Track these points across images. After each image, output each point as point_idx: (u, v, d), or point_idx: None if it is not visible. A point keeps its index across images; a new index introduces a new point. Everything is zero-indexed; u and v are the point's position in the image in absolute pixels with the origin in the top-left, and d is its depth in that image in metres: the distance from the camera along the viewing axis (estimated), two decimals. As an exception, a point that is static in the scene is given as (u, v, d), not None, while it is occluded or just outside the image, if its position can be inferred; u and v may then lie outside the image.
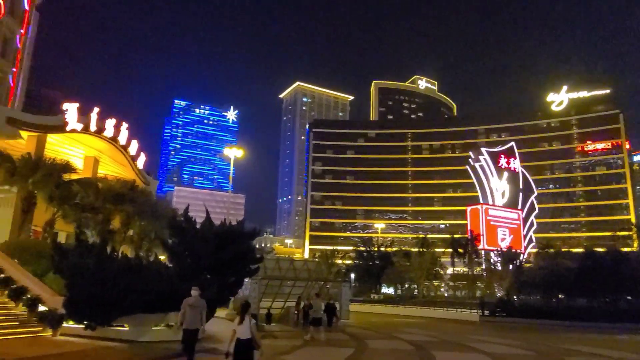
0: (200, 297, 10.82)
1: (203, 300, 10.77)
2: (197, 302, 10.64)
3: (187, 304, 10.57)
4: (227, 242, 16.48)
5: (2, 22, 33.86)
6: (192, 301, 10.64)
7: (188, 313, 10.49)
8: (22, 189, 21.74)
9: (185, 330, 10.50)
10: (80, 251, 14.95)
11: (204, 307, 10.70)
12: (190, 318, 10.49)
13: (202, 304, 10.71)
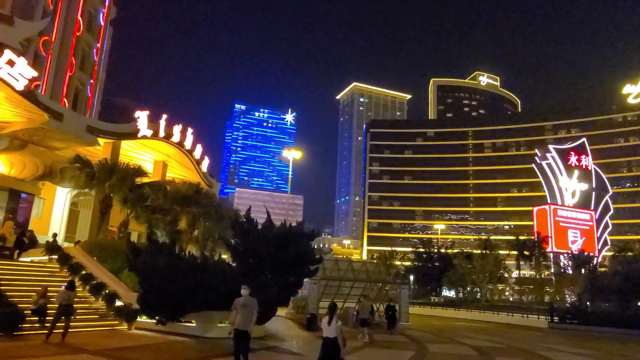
0: (250, 297, 10.47)
1: (254, 300, 10.46)
2: (248, 302, 10.29)
3: (238, 304, 10.22)
4: (288, 243, 16.86)
5: (81, 38, 36.64)
6: (243, 301, 10.28)
7: (240, 313, 10.12)
8: (99, 192, 23.46)
9: (237, 330, 10.14)
10: (152, 250, 15.90)
11: (254, 306, 10.36)
12: (242, 318, 10.11)
13: (253, 303, 10.36)
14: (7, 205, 26.83)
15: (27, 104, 19.93)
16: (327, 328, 9.24)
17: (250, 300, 10.33)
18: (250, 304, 10.28)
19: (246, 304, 10.20)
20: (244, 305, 10.17)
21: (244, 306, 10.16)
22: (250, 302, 10.30)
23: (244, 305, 10.18)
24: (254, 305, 10.37)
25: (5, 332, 12.82)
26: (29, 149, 24.71)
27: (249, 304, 10.24)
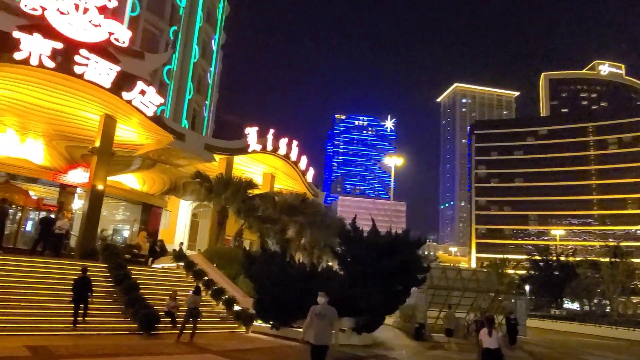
0: (329, 305, 8.95)
1: (332, 309, 8.90)
2: (325, 311, 8.75)
3: (313, 313, 8.74)
4: (394, 251, 16.85)
5: (197, 64, 40.37)
6: (319, 309, 8.77)
7: (315, 324, 8.61)
8: (217, 204, 25.56)
9: (313, 346, 8.64)
10: (265, 258, 16.91)
11: (333, 316, 8.86)
12: (318, 330, 8.58)
13: (331, 313, 8.83)
14: (140, 217, 30.37)
15: (156, 127, 22.49)
16: (489, 339, 9.40)
17: (327, 310, 8.81)
18: (328, 314, 8.76)
19: (323, 313, 8.71)
20: (320, 315, 8.67)
21: (321, 316, 8.66)
22: (327, 312, 8.78)
23: (320, 314, 8.68)
24: (332, 315, 8.84)
25: (144, 331, 14.50)
26: (157, 167, 27.80)
27: (326, 313, 8.74)
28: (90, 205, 21.21)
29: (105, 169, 21.88)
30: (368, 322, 16.46)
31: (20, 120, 22.53)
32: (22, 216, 23.24)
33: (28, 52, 17.88)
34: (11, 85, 19.63)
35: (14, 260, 16.94)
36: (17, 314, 13.42)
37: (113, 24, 22.35)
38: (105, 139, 21.61)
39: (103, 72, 19.64)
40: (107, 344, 12.56)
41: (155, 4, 36.81)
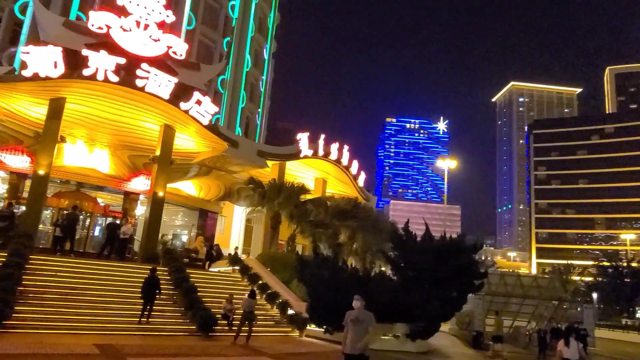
0: (365, 310, 8.08)
1: (369, 314, 8.02)
2: (362, 316, 7.91)
3: (348, 319, 7.94)
4: (449, 256, 16.46)
5: (249, 73, 41.48)
6: (355, 315, 7.94)
7: (351, 331, 7.82)
8: (270, 209, 26.07)
9: (347, 356, 7.82)
10: (318, 263, 17.02)
11: (370, 322, 7.92)
12: (354, 338, 7.76)
13: (368, 318, 7.93)
14: (197, 222, 31.50)
15: (211, 135, 23.30)
16: (567, 350, 9.40)
17: (364, 315, 7.94)
18: (365, 320, 7.87)
19: (359, 318, 7.87)
20: (355, 321, 7.82)
21: (357, 322, 7.82)
22: (364, 317, 7.90)
23: (357, 320, 7.83)
24: (370, 321, 7.92)
25: (202, 332, 15.00)
26: (213, 173, 28.76)
27: (362, 319, 7.88)
28: (151, 211, 22.26)
29: (165, 176, 22.90)
30: (423, 329, 16.14)
31: (89, 132, 24.07)
32: (91, 222, 24.76)
33: (95, 68, 19.12)
34: (80, 100, 21.04)
35: (84, 263, 18.09)
36: (87, 314, 14.31)
37: (171, 38, 23.46)
38: (164, 147, 22.65)
39: (162, 84, 20.62)
40: (169, 344, 13.10)
41: (210, 17, 38.24)
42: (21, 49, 21.58)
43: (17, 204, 21.91)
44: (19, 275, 14.37)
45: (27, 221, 19.26)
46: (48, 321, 13.26)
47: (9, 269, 14.18)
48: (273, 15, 48.12)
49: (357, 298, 8.17)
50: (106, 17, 21.75)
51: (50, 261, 17.41)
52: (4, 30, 29.52)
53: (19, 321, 12.65)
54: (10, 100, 20.70)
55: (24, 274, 14.81)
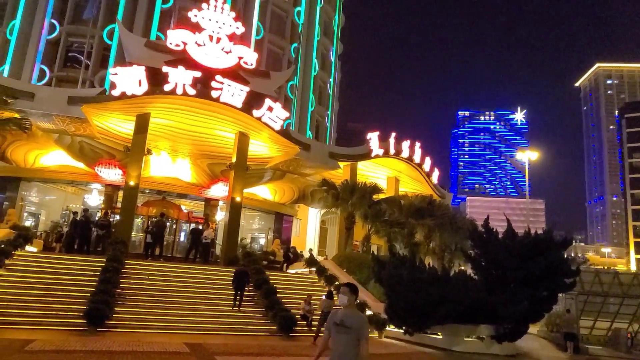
0: (355, 311, 5.15)
1: (361, 316, 5.17)
2: (349, 319, 4.98)
3: (332, 322, 5.13)
4: (535, 253, 15.48)
5: (317, 76, 42.03)
6: (340, 316, 5.06)
7: (333, 340, 5.06)
8: (343, 210, 26.17)
9: None
10: (395, 263, 16.76)
11: (361, 330, 4.94)
12: (337, 351, 4.96)
13: (358, 323, 4.97)
14: (274, 225, 32.40)
15: (284, 140, 23.90)
16: None
17: (353, 318, 4.99)
18: (354, 325, 4.92)
19: (346, 323, 4.95)
20: (341, 326, 4.96)
21: (342, 327, 4.95)
22: (353, 321, 4.95)
23: (342, 325, 4.96)
24: (361, 328, 4.93)
25: (283, 332, 15.36)
26: (287, 177, 29.46)
27: (350, 323, 4.93)
28: (230, 216, 23.25)
29: (242, 182, 23.82)
30: (510, 331, 15.30)
31: (171, 144, 25.67)
32: (176, 228, 26.36)
33: (174, 84, 20.39)
34: (163, 114, 22.51)
35: (173, 267, 19.30)
36: (177, 314, 15.22)
37: (242, 48, 24.40)
38: (240, 154, 23.58)
39: (235, 93, 21.52)
40: (251, 343, 13.56)
41: (277, 25, 39.31)
42: (110, 71, 23.54)
43: (112, 213, 23.87)
44: (117, 279, 15.61)
45: (122, 229, 20.92)
46: (142, 321, 14.29)
47: (108, 273, 15.46)
48: (338, 17, 48.40)
49: (344, 291, 5.15)
50: (182, 34, 23.11)
51: (142, 265, 18.77)
52: (95, 55, 32.38)
53: (118, 321, 13.74)
54: (103, 119, 22.63)
55: (120, 278, 16.06)
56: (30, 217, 28.30)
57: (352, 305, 5.20)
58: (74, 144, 24.83)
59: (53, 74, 32.24)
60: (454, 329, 15.57)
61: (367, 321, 5.18)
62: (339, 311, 5.23)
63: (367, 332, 5.04)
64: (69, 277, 15.89)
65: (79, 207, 26.50)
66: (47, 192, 29.17)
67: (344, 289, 5.26)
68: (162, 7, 33.77)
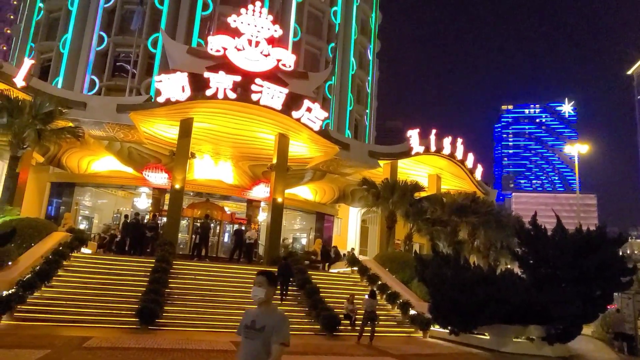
0: (275, 310, 3.93)
1: (280, 316, 3.86)
2: (263, 320, 3.83)
3: (243, 325, 3.94)
4: (587, 251, 14.83)
5: (355, 75, 41.93)
6: (251, 317, 3.93)
7: (242, 346, 3.91)
8: (384, 209, 25.98)
9: None
10: (438, 262, 16.49)
11: (279, 332, 3.72)
12: (244, 359, 3.83)
13: (276, 322, 3.79)
14: (315, 225, 32.59)
15: (323, 140, 24.02)
16: None
17: (269, 318, 3.84)
18: (267, 327, 3.77)
19: (256, 324, 3.83)
20: (251, 329, 3.85)
21: (252, 331, 3.83)
22: (267, 322, 3.80)
23: (252, 328, 3.85)
24: (277, 325, 3.76)
25: (326, 332, 15.44)
26: (327, 177, 29.58)
27: (263, 325, 3.79)
28: (272, 216, 23.60)
29: (283, 183, 24.12)
30: (562, 332, 14.73)
31: (214, 147, 26.34)
32: (220, 229, 27.02)
33: (215, 88, 20.93)
34: (205, 118, 23.14)
35: (218, 267, 19.81)
36: (223, 313, 15.61)
37: (280, 51, 24.73)
38: (280, 155, 23.89)
39: (275, 96, 21.84)
40: (296, 342, 13.69)
41: (314, 26, 39.51)
42: (155, 78, 24.47)
43: (160, 215, 24.76)
44: (166, 279, 16.19)
45: (169, 230, 21.67)
46: (191, 320, 14.77)
47: (158, 273, 16.07)
48: (374, 15, 48.08)
49: (261, 281, 3.90)
50: (222, 40, 23.68)
51: (189, 266, 19.39)
52: (141, 63, 33.68)
53: (168, 319, 14.26)
54: (149, 125, 23.52)
55: (169, 278, 16.65)
56: (84, 221, 29.81)
57: (270, 301, 3.88)
58: (123, 149, 25.96)
59: (102, 84, 33.78)
60: (502, 330, 15.15)
61: (285, 320, 3.79)
62: (251, 311, 3.98)
63: (284, 333, 3.71)
64: (122, 278, 16.63)
65: (129, 210, 27.67)
66: (100, 196, 30.64)
67: (259, 278, 3.90)
68: (203, 14, 34.70)
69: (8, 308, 12.84)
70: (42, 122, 18.63)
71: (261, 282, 3.91)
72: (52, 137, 19.66)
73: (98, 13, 35.01)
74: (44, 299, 14.24)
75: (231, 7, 32.70)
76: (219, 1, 35.10)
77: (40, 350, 9.60)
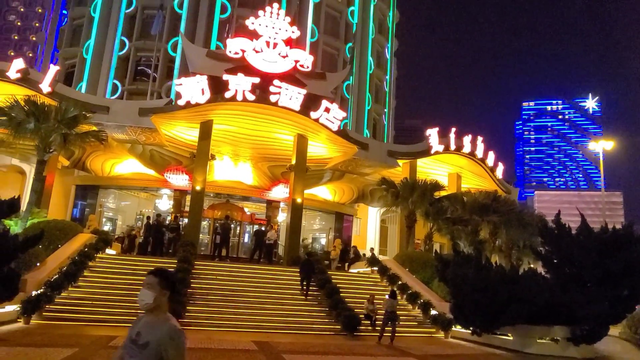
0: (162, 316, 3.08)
1: (170, 326, 3.00)
2: (147, 331, 3.04)
3: (127, 338, 3.13)
4: (614, 250, 14.51)
5: (373, 75, 41.78)
6: (137, 329, 3.10)
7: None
8: (404, 208, 25.83)
9: None
10: (459, 261, 16.33)
11: (166, 344, 2.92)
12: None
13: (163, 334, 2.96)
14: (334, 225, 32.60)
15: (341, 140, 24.02)
16: None
17: (154, 330, 3.00)
18: (153, 341, 2.96)
19: (139, 339, 3.02)
20: (134, 345, 3.04)
21: (134, 347, 3.03)
22: (154, 335, 2.98)
23: (134, 343, 3.04)
24: (164, 343, 2.93)
25: (347, 332, 15.45)
26: (346, 177, 29.57)
27: (148, 339, 2.98)
28: (292, 217, 23.70)
29: (302, 183, 24.20)
30: (588, 332, 14.44)
31: (233, 148, 26.60)
32: (241, 230, 27.27)
33: (234, 90, 21.15)
34: (224, 120, 23.39)
35: (239, 268, 20.02)
36: (244, 313, 15.77)
37: (297, 52, 24.85)
38: (299, 156, 23.98)
39: (293, 97, 21.94)
40: (317, 342, 13.77)
41: (331, 26, 39.53)
42: (175, 82, 24.86)
43: (181, 216, 25.13)
44: (188, 279, 16.43)
45: (190, 231, 21.97)
46: (213, 320, 14.96)
47: (180, 273, 16.31)
48: (392, 14, 47.82)
49: (150, 282, 3.11)
50: (241, 42, 23.93)
51: (210, 266, 19.63)
52: (161, 67, 34.23)
53: (191, 319, 14.47)
54: (170, 127, 23.89)
55: (191, 278, 16.89)
56: (108, 222, 30.44)
57: (161, 308, 3.10)
58: (145, 152, 26.43)
59: (124, 88, 34.44)
60: (525, 330, 14.93)
61: (176, 337, 2.95)
62: (141, 318, 3.18)
63: (177, 354, 2.92)
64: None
65: (151, 211, 28.15)
66: (123, 198, 31.26)
67: (150, 278, 3.12)
68: (221, 17, 35.05)
69: (37, 307, 13.22)
70: (68, 127, 19.10)
71: (151, 283, 3.09)
72: (77, 141, 20.14)
73: (119, 19, 35.70)
74: (71, 298, 14.62)
75: (249, 9, 32.95)
76: (237, 4, 35.41)
77: (69, 349, 9.87)
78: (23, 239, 12.64)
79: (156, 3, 33.34)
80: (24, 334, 11.54)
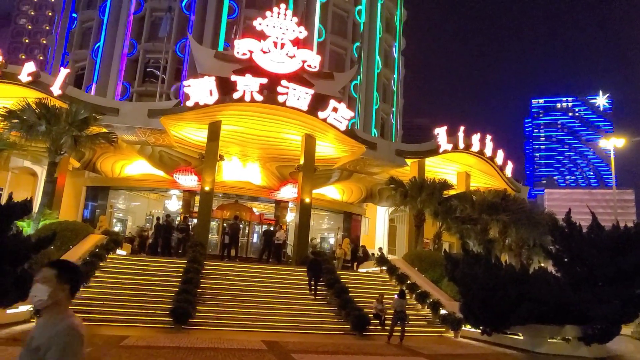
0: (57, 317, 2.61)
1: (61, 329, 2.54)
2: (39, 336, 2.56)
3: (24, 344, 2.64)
4: (626, 248, 14.36)
5: (380, 74, 41.69)
6: (32, 332, 2.64)
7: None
8: (412, 208, 25.76)
9: None
10: (469, 261, 16.26)
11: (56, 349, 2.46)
12: None
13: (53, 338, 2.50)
14: (343, 225, 32.60)
15: (349, 140, 24.02)
16: None
17: (45, 333, 2.56)
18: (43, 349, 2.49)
19: (34, 342, 2.56)
20: (26, 349, 2.59)
21: (26, 352, 2.58)
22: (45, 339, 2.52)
23: (27, 348, 2.59)
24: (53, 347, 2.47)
25: (356, 331, 15.46)
26: (354, 177, 29.56)
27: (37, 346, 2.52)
28: (300, 217, 23.75)
29: (310, 183, 24.23)
30: (600, 332, 14.31)
31: (241, 149, 26.71)
32: (249, 230, 27.37)
33: (242, 91, 21.24)
34: (233, 121, 23.50)
35: (248, 267, 20.11)
36: (253, 313, 15.83)
37: (305, 52, 24.88)
38: (307, 156, 24.02)
39: (300, 97, 21.99)
40: (326, 342, 13.79)
41: (338, 26, 39.51)
42: (184, 83, 24.98)
43: (191, 217, 25.28)
44: (198, 279, 16.53)
45: (199, 232, 22.10)
46: (223, 319, 15.04)
47: (190, 274, 16.42)
48: (399, 13, 47.69)
49: (46, 275, 2.64)
50: (249, 43, 24.01)
51: (220, 266, 19.73)
52: (170, 69, 34.47)
53: (201, 319, 14.57)
54: (179, 128, 24.05)
55: (201, 278, 16.99)
56: (118, 223, 30.72)
57: (60, 306, 2.66)
58: (154, 153, 26.64)
59: (134, 90, 34.72)
60: (536, 330, 14.82)
61: (68, 341, 2.56)
62: (35, 326, 2.77)
63: (59, 355, 2.49)
64: (155, 278, 17.09)
65: (161, 212, 28.36)
66: (133, 199, 31.52)
67: (46, 272, 2.67)
68: (229, 19, 35.20)
69: (50, 308, 13.33)
70: (78, 129, 19.31)
71: (47, 277, 2.63)
72: (87, 143, 20.36)
73: (128, 21, 36.00)
74: (82, 299, 14.75)
75: (256, 10, 33.06)
76: (244, 5, 35.54)
77: (81, 349, 9.96)
78: (36, 240, 12.80)
79: (164, 5, 33.58)
80: (37, 334, 11.67)
